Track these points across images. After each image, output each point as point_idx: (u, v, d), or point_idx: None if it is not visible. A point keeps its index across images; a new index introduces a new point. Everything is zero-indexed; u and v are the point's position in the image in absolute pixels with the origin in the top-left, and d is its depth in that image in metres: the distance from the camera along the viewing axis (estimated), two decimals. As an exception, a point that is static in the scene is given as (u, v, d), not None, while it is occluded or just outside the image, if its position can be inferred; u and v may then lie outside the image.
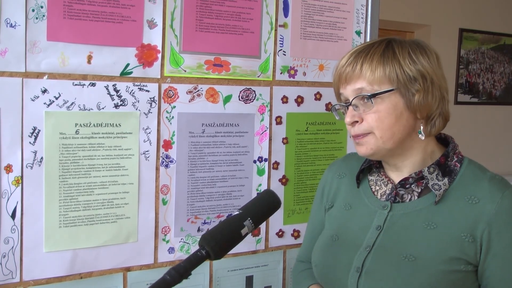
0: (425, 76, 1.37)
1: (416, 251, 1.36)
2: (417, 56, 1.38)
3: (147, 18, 1.77)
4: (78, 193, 1.72)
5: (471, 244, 1.33)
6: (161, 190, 1.86)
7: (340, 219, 1.58)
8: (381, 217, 1.45)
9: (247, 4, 1.94)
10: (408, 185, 1.45)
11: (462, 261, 1.33)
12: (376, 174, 1.56)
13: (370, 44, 1.43)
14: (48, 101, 1.65)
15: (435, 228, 1.37)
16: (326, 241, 1.57)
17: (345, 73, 1.42)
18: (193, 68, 1.87)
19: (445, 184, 1.40)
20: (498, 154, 6.26)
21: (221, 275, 2.00)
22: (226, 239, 1.23)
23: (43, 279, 1.69)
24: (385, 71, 1.36)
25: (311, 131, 2.14)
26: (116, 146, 1.76)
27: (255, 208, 1.32)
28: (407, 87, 1.36)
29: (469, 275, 1.35)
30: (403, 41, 1.43)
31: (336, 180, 1.66)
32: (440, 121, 1.43)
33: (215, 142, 1.94)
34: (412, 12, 5.52)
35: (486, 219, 1.32)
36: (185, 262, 1.18)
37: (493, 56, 6.26)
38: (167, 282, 1.15)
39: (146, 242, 1.85)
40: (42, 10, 1.61)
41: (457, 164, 1.43)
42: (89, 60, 1.70)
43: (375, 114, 1.37)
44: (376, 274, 1.38)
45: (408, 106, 1.37)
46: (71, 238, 1.72)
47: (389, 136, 1.38)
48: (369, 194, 1.53)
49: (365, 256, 1.42)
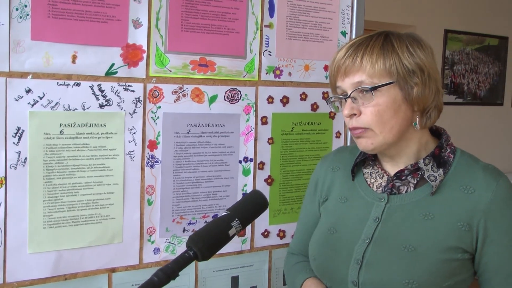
0: (422, 69, 1.39)
1: (415, 242, 1.39)
2: (414, 49, 1.40)
3: (132, 17, 1.77)
4: (63, 194, 1.71)
5: (468, 233, 1.37)
6: (146, 191, 1.85)
7: (336, 212, 1.59)
8: (379, 209, 1.48)
9: (233, 4, 1.94)
10: (404, 176, 1.48)
11: (459, 249, 1.37)
12: (371, 167, 1.58)
13: (368, 36, 1.44)
14: (32, 101, 1.64)
15: (432, 218, 1.40)
16: (323, 234, 1.58)
17: (344, 66, 1.42)
18: (178, 68, 1.86)
19: (441, 175, 1.43)
20: (483, 154, 6.27)
21: (206, 275, 1.99)
22: (214, 240, 1.23)
23: (27, 281, 1.68)
24: (385, 64, 1.38)
25: (296, 131, 2.15)
26: (101, 147, 1.75)
27: (243, 208, 1.32)
28: (406, 80, 1.38)
29: (465, 263, 1.39)
30: (400, 34, 1.45)
31: (330, 173, 1.68)
32: (435, 113, 1.46)
33: (201, 143, 1.93)
34: (397, 13, 5.54)
35: (482, 208, 1.36)
36: (173, 263, 1.17)
37: (477, 57, 6.30)
38: (154, 284, 1.14)
39: (131, 243, 1.84)
40: (26, 9, 1.60)
41: (451, 155, 1.47)
42: (74, 59, 1.69)
43: (374, 107, 1.38)
44: (376, 265, 1.41)
45: (406, 98, 1.39)
46: (56, 239, 1.71)
47: (388, 130, 1.40)
48: (365, 186, 1.55)
49: (365, 248, 1.44)
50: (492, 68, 6.47)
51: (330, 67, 1.50)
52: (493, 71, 6.48)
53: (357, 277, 1.42)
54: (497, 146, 6.56)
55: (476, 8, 6.21)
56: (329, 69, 1.51)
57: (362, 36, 1.46)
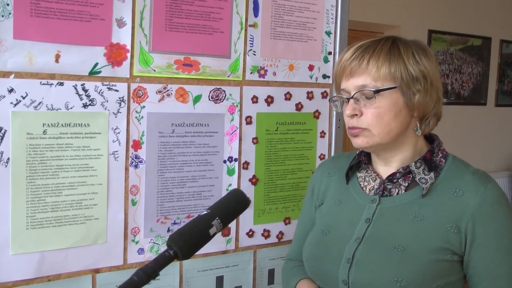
0: (426, 77, 1.43)
1: (405, 242, 1.41)
2: (420, 57, 1.44)
3: (116, 17, 1.76)
4: (46, 194, 1.69)
5: (456, 235, 1.39)
6: (130, 191, 1.84)
7: (330, 214, 1.62)
8: (370, 210, 1.50)
9: (217, 4, 1.94)
10: (395, 179, 1.51)
11: (448, 251, 1.39)
12: (364, 171, 1.61)
13: (376, 40, 1.47)
14: (15, 101, 1.62)
15: (422, 219, 1.42)
16: (316, 235, 1.61)
17: (350, 67, 1.45)
18: (162, 67, 1.86)
19: (432, 178, 1.46)
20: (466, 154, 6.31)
21: (191, 275, 1.99)
22: (194, 239, 1.23)
23: (9, 282, 1.67)
24: (391, 69, 1.41)
25: (281, 131, 2.15)
26: (85, 147, 1.74)
27: (223, 207, 1.32)
28: (409, 86, 1.42)
29: (455, 265, 1.41)
30: (407, 41, 1.48)
31: (326, 178, 1.71)
32: (434, 121, 1.51)
33: (185, 142, 1.93)
34: (381, 13, 5.56)
35: (470, 211, 1.39)
36: (153, 263, 1.17)
37: (461, 57, 6.34)
38: (134, 283, 1.14)
39: (115, 243, 1.83)
40: (8, 7, 1.59)
41: (442, 159, 1.50)
42: (57, 59, 1.68)
43: (376, 109, 1.42)
44: (366, 264, 1.43)
45: (407, 104, 1.43)
46: (39, 240, 1.69)
47: (386, 132, 1.43)
48: (358, 189, 1.58)
49: (356, 247, 1.46)
50: (476, 68, 6.51)
51: (336, 67, 1.53)
52: (476, 71, 6.52)
53: (347, 276, 1.44)
54: (480, 146, 6.60)
55: (460, 9, 6.25)
56: (335, 69, 1.54)
57: (370, 40, 1.49)
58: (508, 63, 6.89)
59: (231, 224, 2.02)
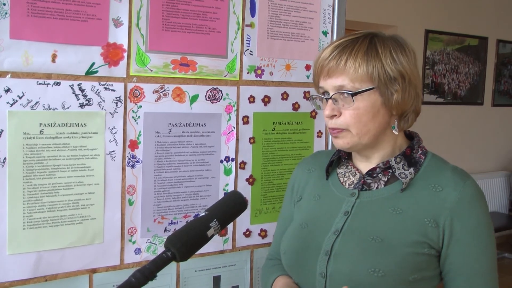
0: (404, 76, 1.42)
1: (383, 234, 1.42)
2: (397, 55, 1.43)
3: (112, 16, 1.76)
4: (43, 194, 1.69)
5: (434, 229, 1.39)
6: (127, 191, 1.84)
7: (309, 208, 1.62)
8: (349, 203, 1.51)
9: (214, 4, 1.93)
10: (375, 174, 1.51)
11: (425, 244, 1.39)
12: (344, 167, 1.61)
13: (354, 39, 1.45)
14: (12, 101, 1.62)
15: (400, 213, 1.43)
16: (295, 229, 1.60)
17: (328, 67, 1.44)
18: (159, 67, 1.86)
19: (411, 173, 1.47)
20: (463, 154, 6.35)
21: (188, 275, 1.99)
22: (192, 241, 1.23)
23: (6, 282, 1.66)
24: (368, 70, 1.40)
25: (278, 130, 2.15)
26: (82, 146, 1.74)
27: (221, 209, 1.32)
28: (387, 86, 1.41)
29: (432, 260, 1.41)
30: (385, 37, 1.47)
31: (306, 174, 1.70)
32: (412, 117, 1.50)
33: (182, 142, 1.93)
34: (378, 13, 5.57)
35: (449, 206, 1.39)
36: (151, 264, 1.17)
37: (458, 57, 6.36)
38: (132, 285, 1.14)
39: (112, 243, 1.83)
40: (5, 7, 1.58)
41: (422, 156, 1.51)
42: (54, 59, 1.68)
43: (354, 111, 1.41)
44: (344, 256, 1.42)
45: (385, 104, 1.43)
46: (36, 240, 1.69)
47: (365, 132, 1.43)
48: (338, 184, 1.58)
49: (334, 239, 1.46)
50: (472, 68, 6.53)
51: (314, 65, 1.52)
52: (473, 71, 6.54)
53: (325, 268, 1.43)
54: (477, 146, 6.62)
55: (457, 9, 6.26)
56: (313, 67, 1.53)
57: (348, 37, 1.47)
58: (505, 63, 6.91)
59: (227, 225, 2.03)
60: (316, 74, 1.51)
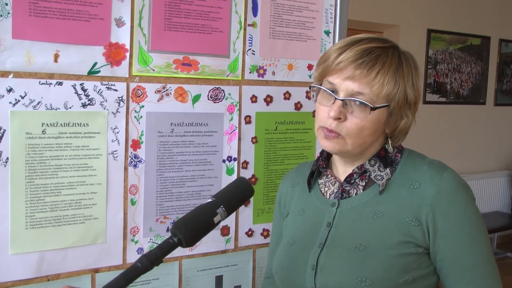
0: (416, 103, 1.43)
1: (366, 240, 1.39)
2: (417, 80, 1.43)
3: (115, 16, 1.76)
4: (45, 194, 1.69)
5: (418, 227, 1.37)
6: (129, 190, 1.84)
7: (295, 224, 1.61)
8: (330, 214, 1.49)
9: (216, 3, 1.93)
10: (353, 180, 1.49)
11: (411, 244, 1.37)
12: (325, 177, 1.59)
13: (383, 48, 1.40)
14: (14, 101, 1.62)
15: (381, 216, 1.41)
16: (283, 247, 1.59)
17: (354, 70, 1.36)
18: (161, 67, 1.86)
19: (387, 174, 1.45)
20: (465, 153, 6.35)
21: (190, 275, 1.99)
22: (199, 226, 1.22)
23: (9, 282, 1.67)
24: (393, 90, 1.38)
25: (280, 130, 2.15)
26: (84, 146, 1.74)
27: (228, 195, 1.31)
28: (400, 109, 1.40)
29: (422, 258, 1.39)
30: (407, 56, 1.44)
31: (290, 189, 1.69)
32: (402, 135, 1.49)
33: (184, 142, 1.93)
34: (381, 12, 5.57)
35: (428, 202, 1.37)
36: (157, 249, 1.17)
37: (460, 56, 6.35)
38: (138, 269, 1.15)
39: (115, 243, 1.83)
40: (7, 7, 1.58)
41: (398, 154, 1.49)
42: (56, 58, 1.68)
43: (361, 121, 1.37)
44: (330, 269, 1.41)
45: (389, 123, 1.42)
46: (38, 239, 1.69)
47: (358, 144, 1.41)
48: (319, 196, 1.56)
49: (319, 253, 1.44)
50: (475, 68, 6.52)
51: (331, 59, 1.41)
52: (475, 70, 6.53)
53: (313, 283, 1.42)
54: (480, 145, 6.61)
55: (459, 8, 6.26)
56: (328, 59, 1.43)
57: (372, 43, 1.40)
58: (507, 62, 6.90)
59: (230, 223, 2.03)
60: (329, 68, 1.41)
